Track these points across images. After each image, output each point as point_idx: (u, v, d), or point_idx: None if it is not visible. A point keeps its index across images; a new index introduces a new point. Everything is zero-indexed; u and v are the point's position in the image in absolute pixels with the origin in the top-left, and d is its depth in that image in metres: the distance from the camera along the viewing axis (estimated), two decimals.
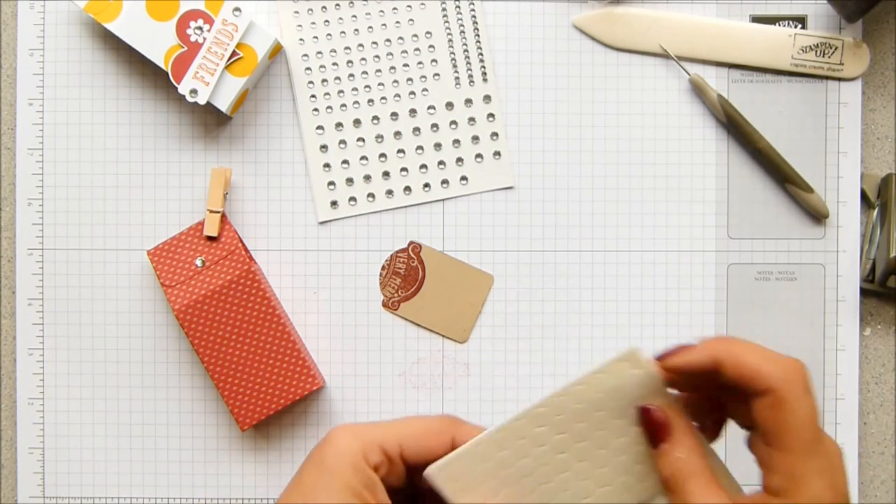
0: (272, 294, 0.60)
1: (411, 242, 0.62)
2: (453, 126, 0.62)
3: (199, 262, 0.60)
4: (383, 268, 0.62)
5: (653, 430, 0.44)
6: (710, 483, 0.44)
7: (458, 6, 0.62)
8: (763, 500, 0.43)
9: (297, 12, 0.62)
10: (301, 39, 0.62)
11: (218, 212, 0.60)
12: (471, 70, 0.62)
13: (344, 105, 0.62)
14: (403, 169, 0.62)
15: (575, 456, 0.44)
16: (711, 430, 0.47)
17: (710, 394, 0.45)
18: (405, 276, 0.62)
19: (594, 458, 0.45)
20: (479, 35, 0.62)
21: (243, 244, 0.61)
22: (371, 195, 0.62)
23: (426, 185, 0.63)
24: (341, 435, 0.44)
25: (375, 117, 0.62)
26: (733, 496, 0.44)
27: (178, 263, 0.60)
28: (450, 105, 0.62)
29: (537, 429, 0.44)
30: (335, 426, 0.45)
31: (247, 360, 0.59)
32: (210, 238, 0.60)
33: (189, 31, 0.59)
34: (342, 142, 0.62)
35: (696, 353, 0.43)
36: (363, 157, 0.62)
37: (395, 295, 0.62)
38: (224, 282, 0.59)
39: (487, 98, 0.62)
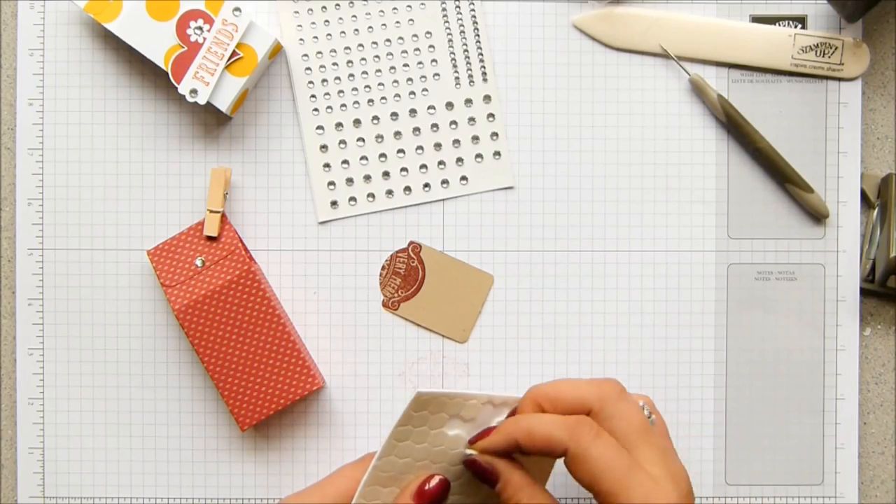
0: (272, 294, 0.60)
1: (411, 242, 0.62)
2: (453, 126, 0.62)
3: (199, 262, 0.60)
4: (383, 268, 0.62)
5: (483, 477, 0.50)
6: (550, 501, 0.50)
7: (458, 6, 0.62)
8: None
9: (297, 12, 0.62)
10: (301, 39, 0.62)
11: (218, 212, 0.60)
12: (471, 70, 0.62)
13: (344, 105, 0.62)
14: (403, 169, 0.62)
15: None
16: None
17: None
18: (405, 276, 0.62)
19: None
20: (479, 35, 0.62)
21: (243, 244, 0.61)
22: (371, 195, 0.63)
23: (426, 185, 0.63)
24: None
25: (375, 117, 0.62)
26: None
27: (178, 263, 0.60)
28: (450, 105, 0.62)
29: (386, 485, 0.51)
30: (282, 501, 0.52)
31: (247, 360, 0.59)
32: (210, 238, 0.60)
33: (189, 31, 0.59)
34: (342, 142, 0.62)
35: (497, 438, 0.50)
36: (363, 157, 0.62)
37: (395, 295, 0.62)
38: (224, 282, 0.59)
39: (487, 98, 0.62)
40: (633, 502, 0.47)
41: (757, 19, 0.63)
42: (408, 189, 0.63)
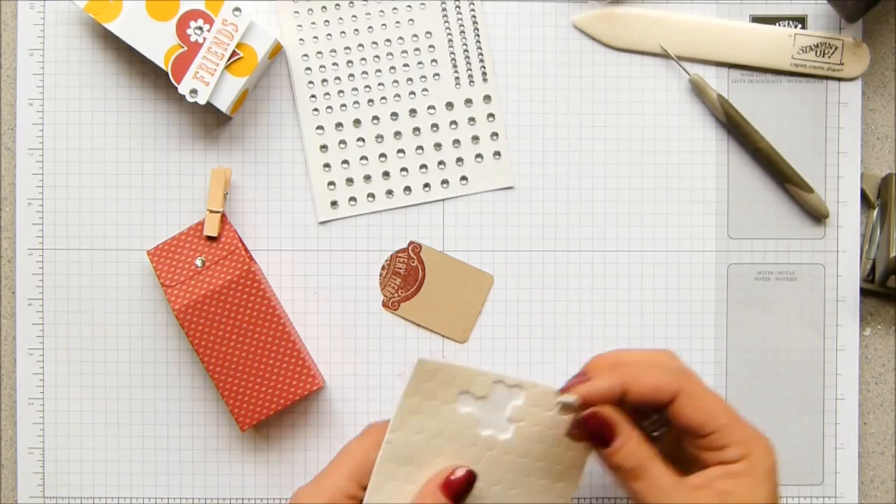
0: (272, 294, 0.60)
1: (411, 242, 0.62)
2: (453, 126, 0.62)
3: (199, 262, 0.60)
4: (383, 268, 0.62)
5: (600, 432, 0.47)
6: (667, 466, 0.48)
7: (458, 6, 0.62)
8: (720, 471, 0.48)
9: (297, 12, 0.62)
10: (301, 39, 0.62)
11: (218, 212, 0.60)
12: (471, 70, 0.62)
13: (344, 105, 0.62)
14: (403, 169, 0.62)
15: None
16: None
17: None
18: (405, 276, 0.62)
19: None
20: (479, 35, 0.62)
21: (243, 244, 0.61)
22: (371, 195, 0.63)
23: (426, 185, 0.63)
24: (303, 497, 0.50)
25: (375, 117, 0.62)
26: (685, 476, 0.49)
27: (178, 263, 0.60)
28: (450, 105, 0.62)
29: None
30: (295, 493, 0.51)
31: (247, 360, 0.59)
32: (210, 238, 0.60)
33: (189, 31, 0.59)
34: (342, 142, 0.62)
35: (602, 384, 0.48)
36: (363, 157, 0.62)
37: (395, 295, 0.62)
38: (224, 282, 0.59)
39: (487, 98, 0.62)
40: (736, 441, 0.48)
41: (757, 19, 0.63)
42: (408, 189, 0.63)
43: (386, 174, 0.62)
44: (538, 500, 0.51)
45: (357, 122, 0.62)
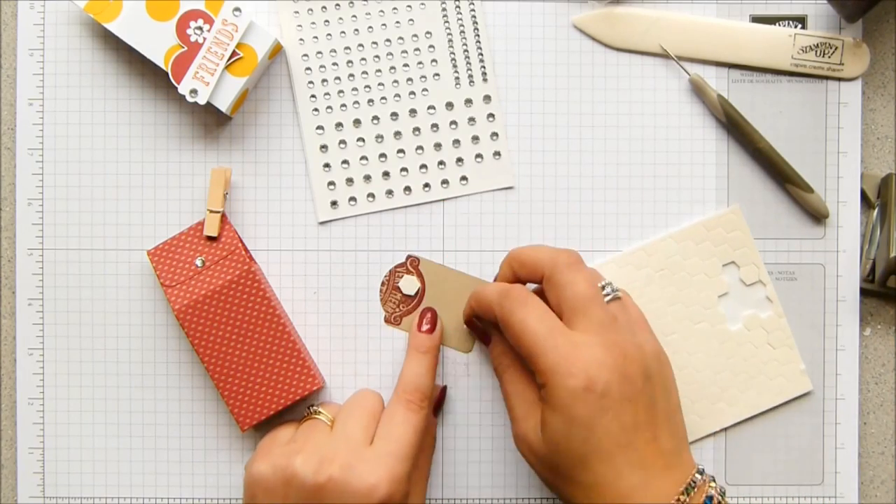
0: (272, 294, 0.60)
1: (409, 256, 0.62)
2: (453, 126, 0.62)
3: (199, 262, 0.60)
4: (383, 283, 0.62)
5: (481, 335, 0.61)
6: (523, 374, 0.57)
7: (458, 6, 0.62)
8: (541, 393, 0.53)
9: (297, 12, 0.62)
10: (301, 39, 0.62)
11: (218, 212, 0.60)
12: (471, 70, 0.62)
13: (344, 105, 0.62)
14: (403, 169, 0.62)
15: None
16: None
17: None
18: (405, 291, 0.62)
19: None
20: (479, 35, 0.62)
21: (243, 244, 0.61)
22: (371, 195, 0.63)
23: (426, 185, 0.63)
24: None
25: (375, 117, 0.62)
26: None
27: (178, 263, 0.60)
28: (450, 105, 0.62)
29: None
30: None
31: (247, 360, 0.59)
32: (210, 238, 0.60)
33: (189, 31, 0.59)
34: (342, 142, 0.62)
35: (467, 305, 0.60)
36: (363, 157, 0.62)
37: (397, 310, 0.62)
38: (224, 282, 0.59)
39: (487, 98, 0.62)
40: (546, 364, 0.50)
41: (757, 19, 0.63)
42: (408, 189, 0.63)
43: (386, 174, 0.62)
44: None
45: (357, 122, 0.62)
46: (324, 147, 0.62)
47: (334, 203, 0.62)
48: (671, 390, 0.53)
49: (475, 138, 0.62)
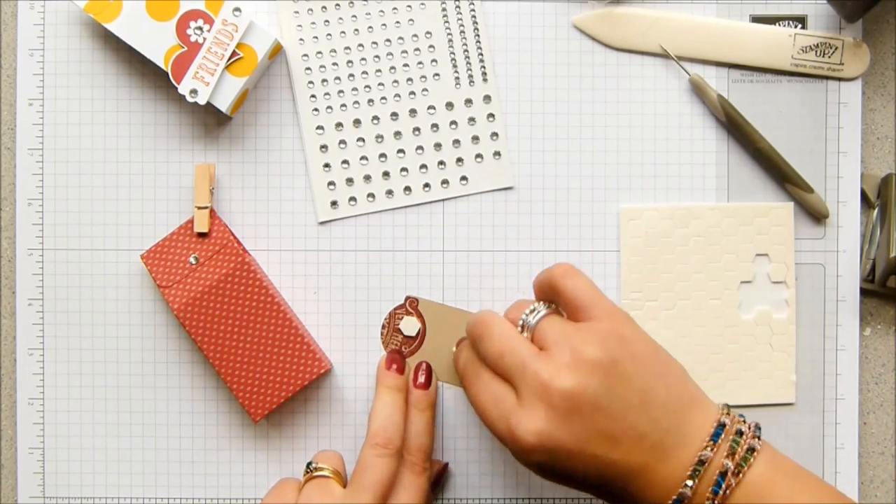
0: (269, 283, 0.60)
1: (408, 298, 0.62)
2: (453, 126, 0.62)
3: (192, 260, 0.60)
4: (383, 326, 0.62)
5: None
6: (496, 380, 0.54)
7: (458, 6, 0.62)
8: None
9: (297, 12, 0.62)
10: (301, 39, 0.62)
11: (206, 207, 0.60)
12: (471, 70, 0.62)
13: (344, 105, 0.62)
14: (403, 169, 0.62)
15: None
16: None
17: None
18: (406, 332, 0.62)
19: None
20: (479, 35, 0.62)
21: (235, 237, 0.61)
22: (371, 195, 0.63)
23: (426, 185, 0.63)
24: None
25: (375, 117, 0.62)
26: None
27: (172, 263, 0.60)
28: (450, 105, 0.62)
29: None
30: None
31: (251, 351, 0.59)
32: (201, 234, 0.60)
33: (189, 31, 0.59)
34: (342, 142, 0.62)
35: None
36: (363, 157, 0.62)
37: None
38: (220, 276, 0.59)
39: (487, 98, 0.62)
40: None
41: (757, 19, 0.63)
42: (408, 189, 0.63)
43: (386, 174, 0.62)
44: None
45: (357, 122, 0.62)
46: (324, 147, 0.62)
47: (334, 203, 0.62)
48: (632, 377, 0.49)
49: (475, 138, 0.62)
